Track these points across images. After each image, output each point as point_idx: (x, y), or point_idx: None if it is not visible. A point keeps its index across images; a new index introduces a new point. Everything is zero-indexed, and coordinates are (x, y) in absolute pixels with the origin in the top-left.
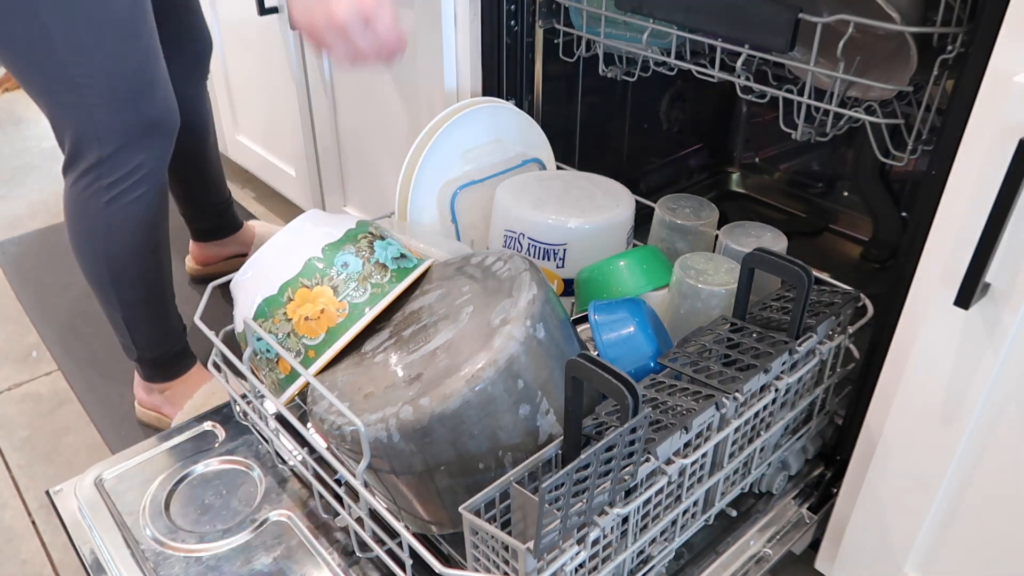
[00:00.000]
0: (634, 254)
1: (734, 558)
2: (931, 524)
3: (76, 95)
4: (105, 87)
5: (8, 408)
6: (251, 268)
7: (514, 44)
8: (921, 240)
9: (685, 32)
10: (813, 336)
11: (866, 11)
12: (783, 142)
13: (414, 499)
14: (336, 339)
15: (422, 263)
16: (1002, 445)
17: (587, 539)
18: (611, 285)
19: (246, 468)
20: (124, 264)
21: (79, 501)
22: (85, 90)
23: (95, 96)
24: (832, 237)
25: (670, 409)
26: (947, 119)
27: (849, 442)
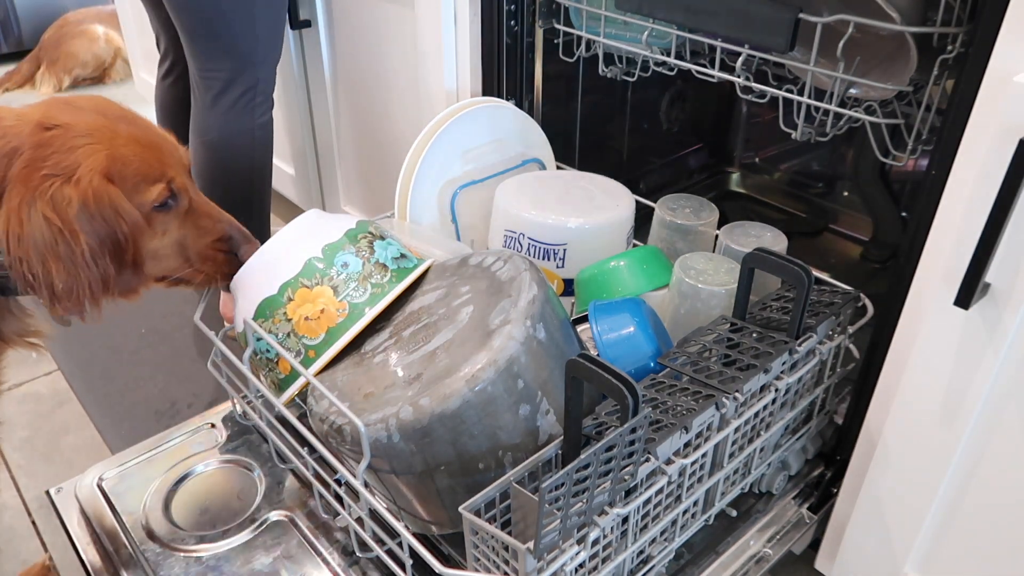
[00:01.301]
0: (634, 254)
1: (734, 558)
2: (931, 524)
3: (253, 24)
4: (273, 20)
5: (8, 408)
6: (251, 268)
7: (514, 44)
8: (921, 240)
9: (685, 32)
10: (813, 336)
11: (866, 11)
12: (783, 142)
13: (414, 499)
14: (336, 339)
15: (422, 263)
16: (1002, 445)
17: (587, 539)
18: (611, 285)
19: (246, 468)
20: (264, 174)
21: (79, 501)
22: (260, 21)
23: (265, 27)
24: (832, 237)
25: (670, 409)
26: (947, 119)
27: (849, 442)
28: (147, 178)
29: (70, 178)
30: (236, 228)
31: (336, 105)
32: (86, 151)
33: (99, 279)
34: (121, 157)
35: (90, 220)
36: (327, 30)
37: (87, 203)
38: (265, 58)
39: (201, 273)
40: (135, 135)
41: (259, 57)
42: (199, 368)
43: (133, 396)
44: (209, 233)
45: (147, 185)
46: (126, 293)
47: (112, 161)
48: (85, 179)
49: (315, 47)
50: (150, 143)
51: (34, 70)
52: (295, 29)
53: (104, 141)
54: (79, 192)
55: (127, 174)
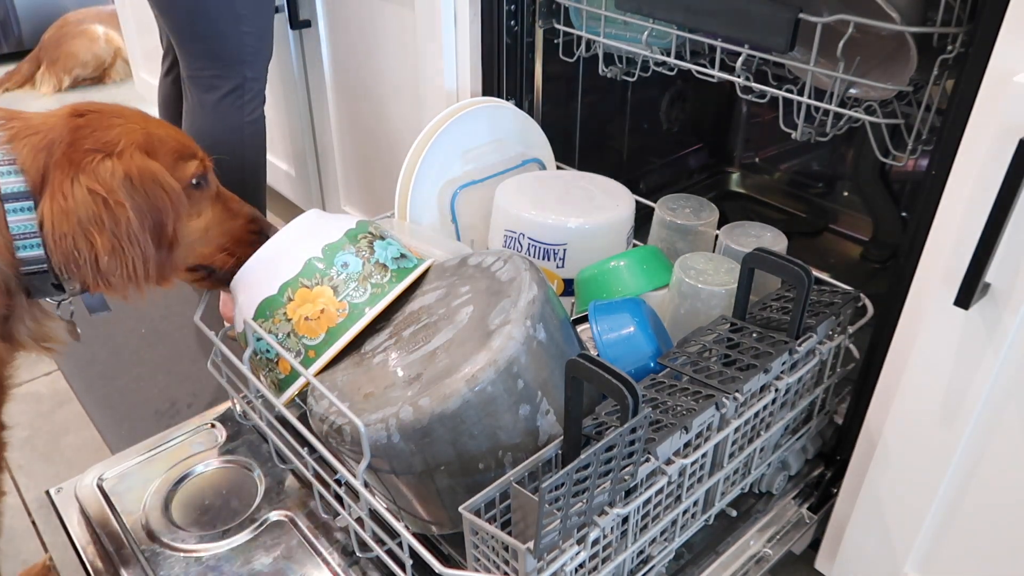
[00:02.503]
0: (634, 254)
1: (734, 558)
2: (931, 524)
3: (237, 25)
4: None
5: (8, 408)
6: (251, 268)
7: (514, 44)
8: (921, 240)
9: (685, 32)
10: (813, 336)
11: (866, 11)
12: (783, 142)
13: (414, 499)
14: (336, 339)
15: (422, 263)
16: (1002, 445)
17: (587, 539)
18: (611, 285)
19: (246, 468)
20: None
21: (79, 501)
22: (244, 21)
23: (250, 27)
24: (832, 237)
25: (670, 409)
26: (947, 119)
27: (849, 442)
28: (183, 155)
29: (112, 152)
30: (257, 211)
31: (336, 105)
32: (124, 129)
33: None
34: (157, 135)
35: (133, 194)
36: (327, 30)
37: (131, 175)
38: (252, 57)
39: (233, 257)
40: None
41: (246, 56)
42: (199, 368)
43: (133, 396)
44: (239, 215)
45: (184, 161)
46: (161, 279)
47: (150, 138)
48: (127, 153)
49: (315, 47)
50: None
51: (34, 70)
52: (295, 29)
53: (139, 121)
54: (122, 165)
55: (165, 151)
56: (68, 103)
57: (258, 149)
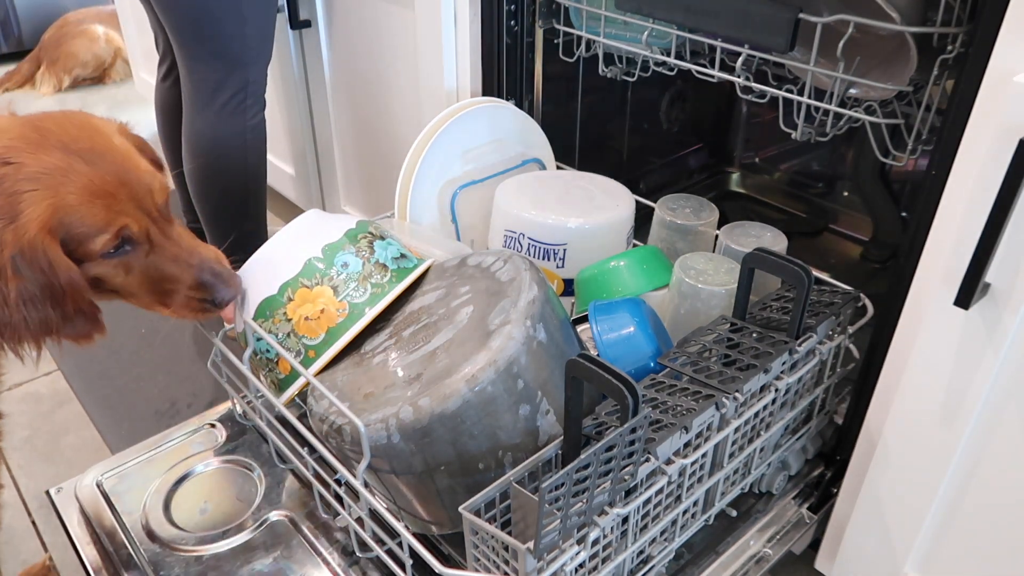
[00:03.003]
0: (634, 254)
1: (734, 558)
2: (931, 524)
3: (243, 26)
4: (262, 21)
5: (8, 408)
6: (251, 268)
7: (514, 44)
8: (921, 240)
9: (685, 32)
10: (813, 336)
11: (866, 11)
12: (783, 142)
13: (414, 499)
14: (336, 339)
15: (422, 263)
16: (1002, 445)
17: (587, 539)
18: (611, 285)
19: (246, 468)
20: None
21: (79, 501)
22: (249, 22)
23: (254, 28)
24: (832, 237)
25: (670, 409)
26: (947, 119)
27: (849, 442)
28: (93, 228)
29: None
30: (211, 271)
31: (336, 105)
32: (31, 198)
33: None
34: (66, 206)
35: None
36: (327, 30)
37: (23, 252)
38: (256, 59)
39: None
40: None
41: (249, 58)
42: (199, 368)
43: (133, 396)
44: (178, 280)
45: (93, 235)
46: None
47: (55, 211)
48: (22, 227)
49: (315, 47)
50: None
51: (34, 70)
52: (295, 29)
53: (51, 187)
54: (15, 239)
55: (72, 223)
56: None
57: (260, 153)
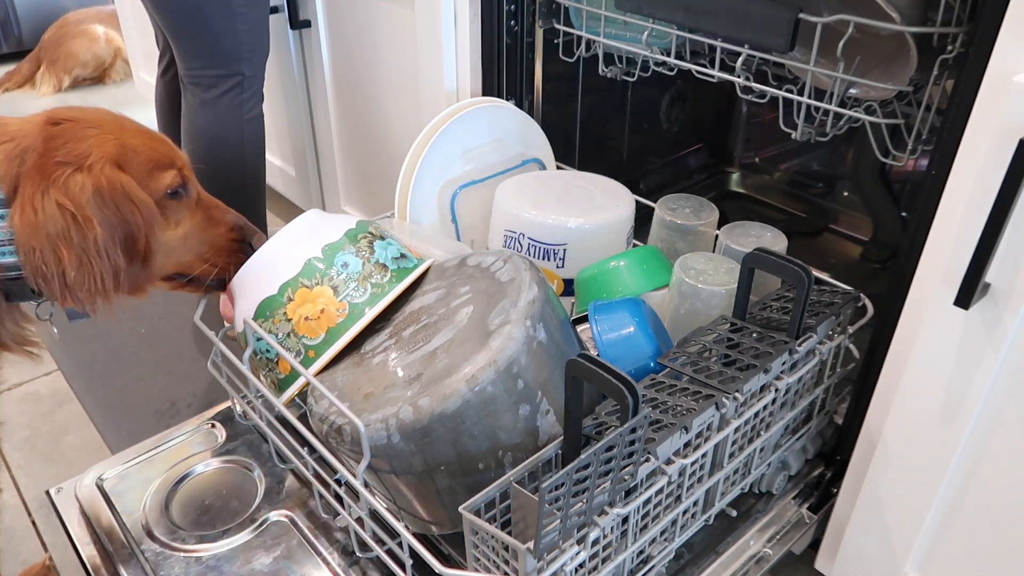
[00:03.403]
0: (634, 254)
1: (734, 558)
2: (931, 524)
3: (233, 21)
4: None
5: (8, 408)
6: (251, 268)
7: (514, 44)
8: (921, 240)
9: (685, 32)
10: (813, 336)
11: (866, 11)
12: (783, 142)
13: (414, 499)
14: (336, 339)
15: (422, 263)
16: (1002, 445)
17: (587, 539)
18: (611, 285)
19: (246, 468)
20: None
21: (79, 501)
22: (240, 18)
23: (246, 23)
24: (832, 237)
25: (670, 409)
26: (947, 119)
27: (849, 442)
28: (159, 165)
29: (82, 166)
30: (243, 219)
31: (336, 105)
32: (97, 140)
33: (111, 271)
34: (132, 146)
35: (103, 208)
36: (327, 30)
37: (100, 190)
38: (250, 54)
39: (215, 267)
40: (141, 128)
41: (243, 53)
42: (199, 368)
43: (133, 396)
44: (220, 223)
45: (159, 172)
46: (134, 289)
47: (123, 149)
48: (97, 166)
49: (315, 47)
50: (156, 135)
51: (34, 70)
52: (295, 29)
53: (114, 131)
54: (92, 179)
55: (139, 161)
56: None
57: (258, 147)
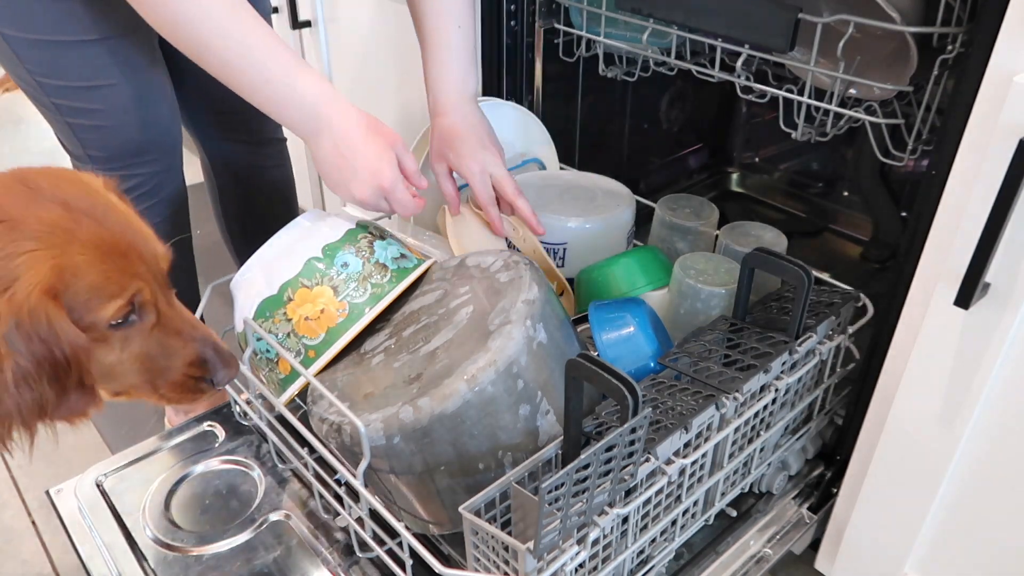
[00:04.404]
0: (634, 254)
1: (734, 558)
2: (931, 524)
3: (59, 117)
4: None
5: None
6: (251, 268)
7: (514, 44)
8: (921, 240)
9: (685, 32)
10: (813, 336)
11: (866, 11)
12: (783, 142)
13: (414, 499)
14: (336, 339)
15: (422, 263)
16: (1002, 445)
17: (587, 539)
18: (611, 285)
19: (246, 468)
20: None
21: (79, 501)
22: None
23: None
24: (832, 237)
25: (670, 409)
26: (947, 119)
27: (849, 442)
28: (103, 292)
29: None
30: (213, 346)
31: None
32: (29, 259)
33: (31, 404)
34: (73, 267)
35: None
36: (327, 30)
37: (21, 322)
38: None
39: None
40: (98, 237)
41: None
42: None
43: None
44: (178, 355)
45: (103, 301)
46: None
47: (60, 273)
48: (21, 294)
49: (315, 47)
50: (115, 247)
51: None
52: (295, 29)
53: (56, 246)
54: (12, 309)
55: (79, 288)
56: None
57: None
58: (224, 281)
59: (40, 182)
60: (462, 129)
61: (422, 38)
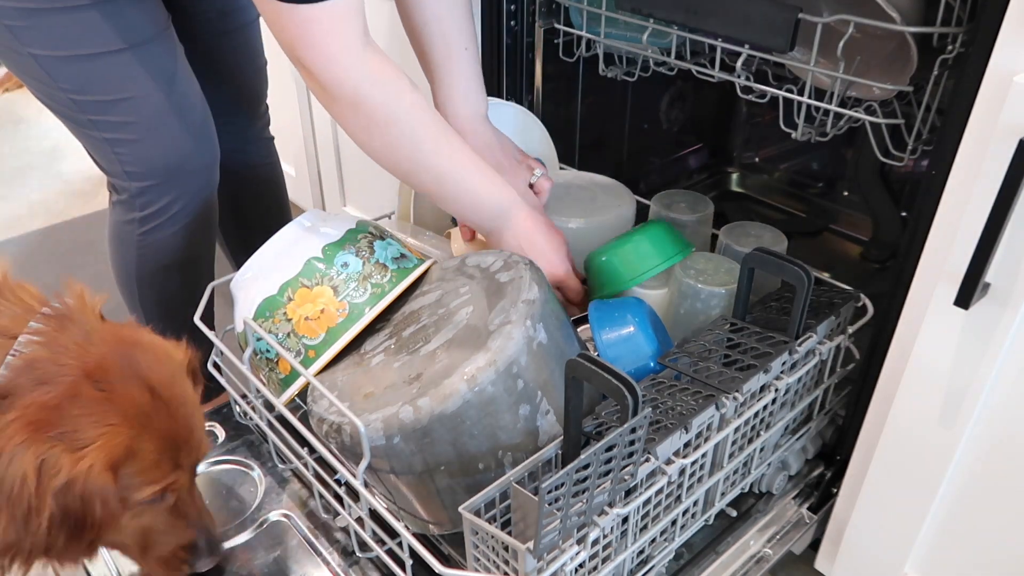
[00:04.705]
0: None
1: (734, 558)
2: (931, 524)
3: (95, 134)
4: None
5: None
6: (251, 268)
7: (514, 44)
8: (921, 240)
9: (685, 32)
10: (813, 336)
11: (866, 11)
12: (783, 142)
13: (414, 499)
14: (336, 339)
15: (422, 263)
16: (1002, 445)
17: (587, 539)
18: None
19: (246, 468)
20: (155, 288)
21: None
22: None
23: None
24: (832, 237)
25: (670, 409)
26: (947, 119)
27: (849, 442)
28: (149, 477)
29: (76, 450)
30: (208, 535)
31: None
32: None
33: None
34: (138, 450)
35: (66, 498)
36: None
37: (74, 483)
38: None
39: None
40: (166, 429)
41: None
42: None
43: None
44: (177, 535)
45: (146, 483)
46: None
47: (127, 453)
48: (86, 462)
49: None
50: (175, 439)
51: None
52: None
53: (133, 428)
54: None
55: (134, 469)
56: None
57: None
58: (224, 281)
59: (139, 356)
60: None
61: (431, 66)
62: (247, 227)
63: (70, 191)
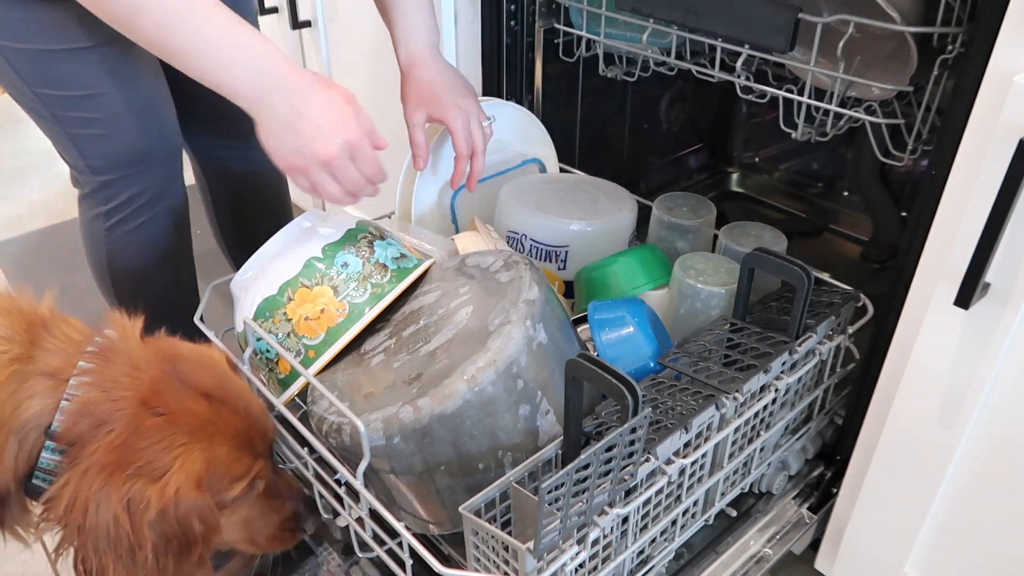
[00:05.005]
0: (633, 253)
1: (734, 558)
2: (931, 524)
3: (58, 128)
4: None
5: None
6: (251, 268)
7: (514, 44)
8: (921, 240)
9: (685, 32)
10: (813, 336)
11: (866, 11)
12: (783, 142)
13: (414, 499)
14: (336, 339)
15: (422, 263)
16: (1002, 445)
17: (587, 539)
18: (611, 284)
19: None
20: (128, 283)
21: None
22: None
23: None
24: (832, 237)
25: (670, 409)
26: (947, 119)
27: (849, 442)
28: (235, 476)
29: (157, 479)
30: (304, 500)
31: None
32: (184, 453)
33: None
34: (217, 459)
35: (164, 524)
36: (327, 30)
37: (166, 510)
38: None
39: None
40: (233, 427)
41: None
42: None
43: None
44: (278, 511)
45: (234, 482)
46: None
47: (208, 465)
48: (173, 485)
49: (315, 47)
50: (244, 432)
51: None
52: (295, 29)
53: (204, 440)
54: (162, 498)
55: (219, 475)
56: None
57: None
58: (224, 281)
59: (184, 369)
60: (440, 79)
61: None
62: (247, 227)
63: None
